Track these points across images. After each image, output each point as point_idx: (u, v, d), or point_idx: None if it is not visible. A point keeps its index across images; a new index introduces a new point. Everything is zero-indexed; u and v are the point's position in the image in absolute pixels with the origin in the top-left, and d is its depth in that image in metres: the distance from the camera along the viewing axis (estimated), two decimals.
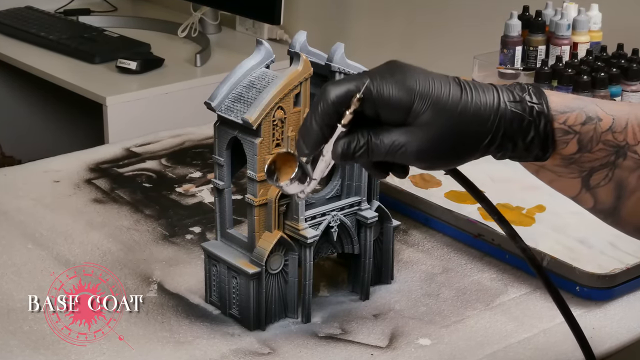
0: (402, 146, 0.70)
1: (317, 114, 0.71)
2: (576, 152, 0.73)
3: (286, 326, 1.01)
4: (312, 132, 0.71)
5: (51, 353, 0.96)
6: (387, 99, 0.70)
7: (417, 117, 0.70)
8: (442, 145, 0.71)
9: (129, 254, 1.15)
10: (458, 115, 0.70)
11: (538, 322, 1.03)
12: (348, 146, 0.71)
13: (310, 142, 0.72)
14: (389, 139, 0.71)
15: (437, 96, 0.70)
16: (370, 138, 0.71)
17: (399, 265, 1.12)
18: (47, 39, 2.31)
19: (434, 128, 0.70)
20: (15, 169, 1.45)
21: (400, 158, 0.71)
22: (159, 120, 2.00)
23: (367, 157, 0.72)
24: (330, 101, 0.71)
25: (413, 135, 0.70)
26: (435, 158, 0.72)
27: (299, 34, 1.01)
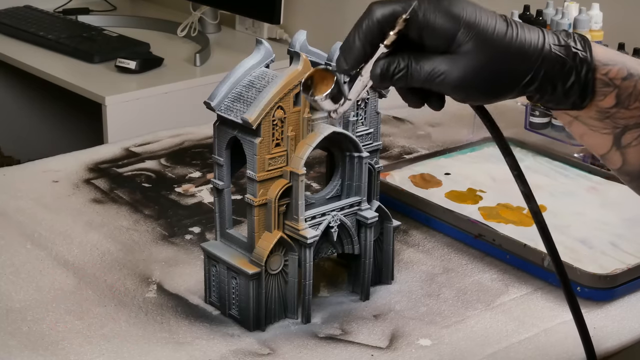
0: (442, 74, 0.70)
1: (361, 31, 0.70)
2: (613, 106, 0.73)
3: (286, 327, 1.01)
4: (353, 49, 0.71)
5: (50, 354, 0.96)
6: (433, 24, 0.69)
7: (460, 46, 0.70)
8: (481, 77, 0.70)
9: (128, 254, 1.15)
10: (502, 49, 0.70)
11: (539, 322, 1.03)
12: (387, 67, 0.71)
13: (351, 58, 0.71)
14: (429, 65, 0.70)
15: (482, 27, 0.70)
16: (410, 62, 0.70)
17: (399, 266, 1.12)
18: (46, 39, 2.31)
19: (476, 58, 0.70)
20: (14, 169, 1.45)
21: (438, 86, 0.71)
22: (159, 120, 2.00)
23: (406, 81, 0.71)
24: (375, 19, 0.70)
25: (454, 64, 0.70)
26: (472, 90, 0.71)
27: (298, 34, 1.01)
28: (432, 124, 1.57)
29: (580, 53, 0.72)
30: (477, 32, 0.69)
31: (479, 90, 0.71)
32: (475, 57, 0.70)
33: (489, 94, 0.72)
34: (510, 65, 0.70)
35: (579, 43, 0.72)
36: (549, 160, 1.36)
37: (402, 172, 1.31)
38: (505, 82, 0.71)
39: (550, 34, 0.72)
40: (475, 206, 1.23)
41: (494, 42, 0.70)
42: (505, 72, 0.70)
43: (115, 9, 2.67)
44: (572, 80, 0.71)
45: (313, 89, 0.72)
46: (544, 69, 0.71)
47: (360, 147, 1.01)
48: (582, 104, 0.73)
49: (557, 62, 0.71)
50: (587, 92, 0.72)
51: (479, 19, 0.70)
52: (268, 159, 0.96)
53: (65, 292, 1.06)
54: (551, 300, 1.07)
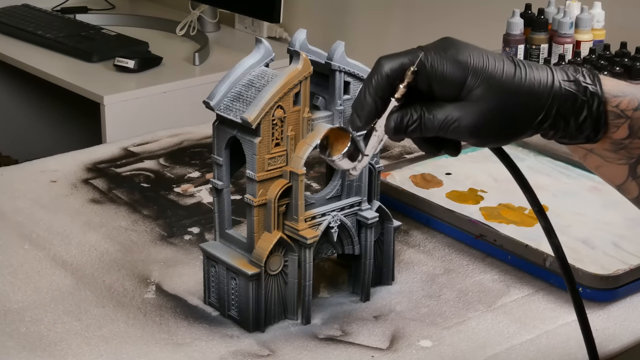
0: (455, 121, 0.71)
1: (371, 87, 0.72)
2: (626, 137, 0.73)
3: (286, 328, 1.00)
4: (365, 106, 0.72)
5: (48, 355, 0.95)
6: (441, 73, 0.71)
7: (470, 92, 0.71)
8: (495, 120, 0.71)
9: (127, 254, 1.15)
10: (512, 91, 0.71)
11: (540, 323, 1.03)
12: (401, 120, 0.72)
13: (364, 115, 0.72)
14: (442, 114, 0.71)
15: (490, 71, 0.71)
16: (423, 113, 0.72)
17: (399, 266, 1.12)
18: (44, 38, 2.30)
19: (487, 103, 0.71)
20: (11, 169, 1.44)
21: (453, 133, 0.72)
22: (157, 120, 2.00)
23: (420, 132, 0.72)
24: (384, 74, 0.72)
25: (466, 110, 0.71)
26: (488, 133, 0.72)
27: (298, 32, 1.01)
28: None
29: (591, 87, 0.72)
30: (485, 77, 0.71)
31: (493, 134, 0.72)
32: (486, 101, 0.71)
33: (503, 137, 0.73)
34: (522, 106, 0.71)
35: (587, 77, 0.73)
36: (551, 160, 1.36)
37: (403, 172, 1.31)
38: (519, 123, 0.72)
39: (559, 70, 0.73)
40: (477, 206, 1.22)
41: (503, 84, 0.71)
42: (518, 114, 0.71)
43: (113, 8, 2.66)
44: (584, 115, 0.72)
45: (329, 148, 0.74)
46: (555, 106, 0.72)
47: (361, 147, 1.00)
48: (596, 137, 0.73)
49: (568, 98, 0.72)
50: (600, 125, 0.73)
51: (486, 64, 0.71)
52: (268, 159, 0.95)
53: (64, 293, 1.06)
54: (553, 301, 1.06)
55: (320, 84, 1.00)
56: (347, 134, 0.73)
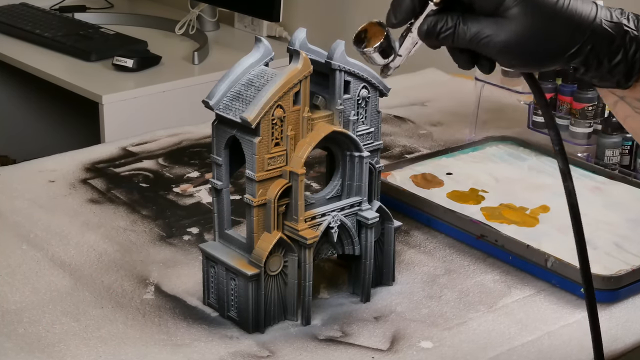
0: (487, 36, 0.70)
1: None
2: None
3: (285, 329, 1.00)
4: (402, 3, 0.72)
5: (46, 356, 0.95)
6: None
7: (508, 9, 0.70)
8: (527, 42, 0.70)
9: (126, 255, 1.14)
10: (551, 15, 0.70)
11: (542, 324, 1.02)
12: (435, 25, 0.71)
13: (400, 12, 0.72)
14: (476, 26, 0.71)
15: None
16: (458, 22, 0.71)
17: (400, 267, 1.11)
18: (42, 37, 2.30)
19: (523, 23, 0.69)
20: (9, 169, 1.44)
21: (484, 49, 0.71)
22: (156, 119, 1.99)
23: (452, 41, 0.71)
24: None
25: (501, 27, 0.70)
26: (517, 55, 0.71)
27: (298, 31, 1.00)
28: (434, 123, 1.56)
29: (632, 32, 0.71)
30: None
31: (524, 56, 0.71)
32: (523, 21, 0.69)
33: (533, 61, 0.71)
34: (556, 34, 0.70)
35: (632, 22, 0.71)
36: (552, 160, 1.35)
37: (403, 171, 1.31)
38: (551, 51, 0.71)
39: (604, 9, 0.71)
40: (478, 206, 1.22)
41: (543, 8, 0.69)
42: (552, 40, 0.70)
43: (112, 7, 2.66)
44: (619, 58, 0.71)
45: (365, 42, 0.74)
46: (591, 42, 0.70)
47: (361, 147, 1.00)
48: (627, 84, 0.72)
49: (605, 37, 0.70)
50: (633, 72, 0.71)
51: None
52: (267, 159, 0.95)
53: (62, 294, 1.05)
54: (554, 302, 1.06)
55: (320, 83, 0.99)
56: (383, 30, 0.73)
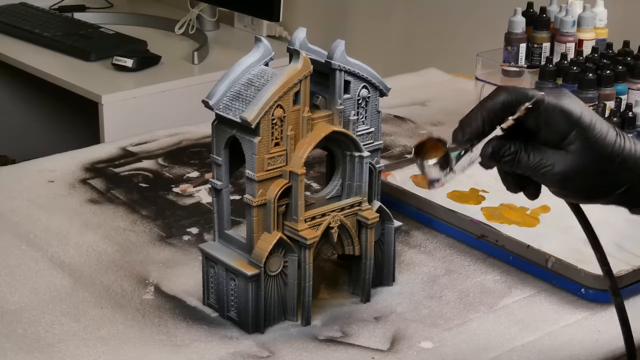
0: (548, 166, 0.76)
1: (485, 109, 0.77)
2: None
3: (285, 329, 1.00)
4: (473, 124, 0.77)
5: (46, 356, 0.95)
6: (551, 119, 0.75)
7: (571, 144, 0.75)
8: (585, 176, 0.76)
9: (125, 255, 1.14)
10: (607, 156, 0.76)
11: (542, 325, 1.02)
12: (499, 149, 0.76)
13: (469, 132, 0.77)
14: (538, 156, 0.76)
15: (596, 131, 0.75)
16: (521, 149, 0.76)
17: (400, 267, 1.11)
18: (41, 36, 2.30)
19: (582, 158, 0.75)
20: (9, 169, 1.44)
21: (542, 177, 0.76)
22: (156, 119, 1.99)
23: (512, 166, 0.77)
24: (500, 101, 0.76)
25: (562, 159, 0.75)
26: (571, 187, 0.77)
27: (298, 31, 1.00)
28: (434, 123, 1.56)
29: None
30: (588, 135, 0.75)
31: (577, 189, 0.77)
32: (583, 157, 0.75)
33: (585, 194, 0.78)
34: (611, 173, 0.76)
35: None
36: None
37: (404, 171, 1.30)
38: (603, 187, 0.77)
39: None
40: (478, 206, 1.21)
41: (602, 148, 0.75)
42: (605, 178, 0.76)
43: (111, 6, 2.66)
44: None
45: (424, 153, 0.78)
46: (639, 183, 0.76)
47: (361, 147, 0.99)
48: None
49: None
50: None
51: (593, 124, 0.75)
52: (267, 159, 0.95)
53: (61, 294, 1.05)
54: (555, 302, 1.06)
55: (320, 83, 0.99)
56: (443, 146, 0.78)
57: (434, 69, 1.81)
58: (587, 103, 1.35)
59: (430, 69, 1.82)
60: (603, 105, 1.34)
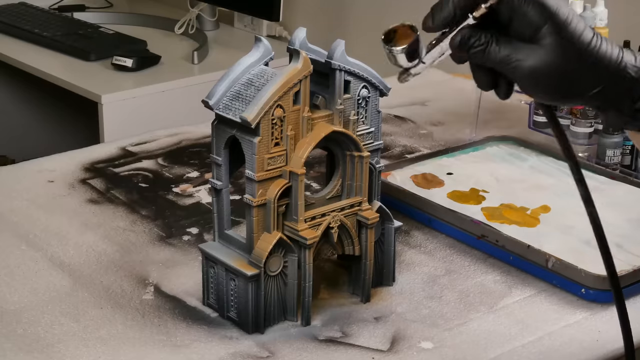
0: (517, 60, 0.72)
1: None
2: None
3: (285, 329, 1.00)
4: (444, 10, 0.73)
5: (45, 356, 0.94)
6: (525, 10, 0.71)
7: (542, 39, 0.71)
8: (555, 74, 0.72)
9: (125, 255, 1.14)
10: (581, 54, 0.71)
11: (543, 325, 1.02)
12: (469, 38, 0.73)
13: (439, 18, 0.74)
14: (508, 48, 0.72)
15: (570, 28, 0.71)
16: (492, 40, 0.72)
17: (400, 267, 1.11)
18: (41, 36, 2.29)
19: (554, 54, 0.71)
20: (8, 169, 1.44)
21: (511, 71, 0.72)
22: (156, 119, 1.99)
23: (482, 57, 0.73)
24: None
25: (532, 53, 0.71)
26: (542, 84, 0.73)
27: (298, 31, 1.00)
28: (434, 123, 1.56)
29: None
30: (562, 31, 0.71)
31: (548, 87, 0.73)
32: (554, 52, 0.71)
33: (556, 93, 0.73)
34: (584, 72, 0.72)
35: None
36: (554, 159, 1.35)
37: (404, 171, 1.30)
38: (575, 87, 0.72)
39: (629, 53, 0.73)
40: (478, 206, 1.21)
41: (576, 45, 0.71)
42: (577, 77, 0.72)
43: (111, 6, 2.65)
44: None
45: (393, 42, 0.75)
46: (614, 85, 0.72)
47: (361, 147, 0.99)
48: None
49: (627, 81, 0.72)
50: None
51: (569, 20, 0.71)
52: (267, 159, 0.94)
53: (61, 294, 1.05)
54: (555, 302, 1.06)
55: (320, 83, 0.99)
56: (414, 32, 0.74)
57: (434, 68, 1.81)
58: None
59: (430, 69, 1.81)
60: None
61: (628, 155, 1.34)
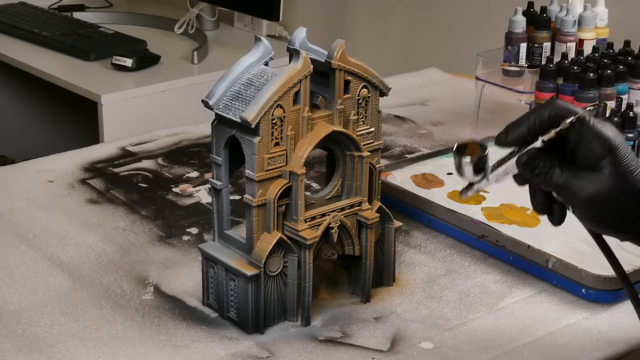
0: (577, 187, 0.77)
1: (533, 117, 0.78)
2: None
3: (285, 329, 1.00)
4: (520, 128, 0.78)
5: (45, 357, 0.94)
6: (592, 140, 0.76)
7: (603, 168, 0.76)
8: (610, 203, 0.77)
9: (125, 255, 1.14)
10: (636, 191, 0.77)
11: (543, 325, 1.02)
12: (534, 159, 0.77)
13: (513, 135, 0.78)
14: (570, 174, 0.77)
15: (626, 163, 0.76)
16: (555, 165, 0.77)
17: (400, 267, 1.11)
18: (40, 36, 2.29)
19: (611, 186, 0.76)
20: (8, 169, 1.43)
21: (570, 197, 0.77)
22: (155, 119, 1.99)
23: (544, 180, 0.77)
24: (549, 111, 0.77)
25: (591, 182, 0.76)
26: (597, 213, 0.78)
27: (298, 31, 1.00)
28: (434, 123, 1.55)
29: None
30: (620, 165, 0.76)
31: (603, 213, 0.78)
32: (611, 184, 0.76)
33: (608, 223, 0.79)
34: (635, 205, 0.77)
35: None
36: None
37: (404, 171, 1.30)
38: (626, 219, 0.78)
39: None
40: (478, 206, 1.21)
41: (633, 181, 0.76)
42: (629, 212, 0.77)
43: (111, 6, 2.65)
44: None
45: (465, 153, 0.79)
46: None
47: (361, 147, 0.99)
48: None
49: None
50: None
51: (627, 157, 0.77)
52: (267, 159, 0.94)
53: (61, 294, 1.05)
54: (555, 302, 1.05)
55: (320, 83, 0.99)
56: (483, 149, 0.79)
57: (434, 68, 1.81)
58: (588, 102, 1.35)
59: (430, 68, 1.81)
60: (604, 105, 1.34)
61: None
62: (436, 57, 2.07)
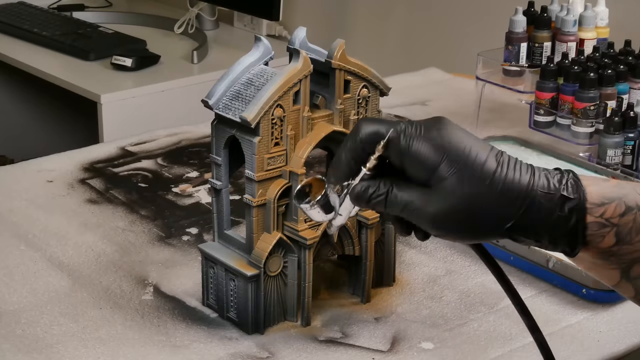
0: (418, 208, 0.66)
1: (347, 148, 0.68)
2: (614, 244, 0.68)
3: (285, 330, 0.99)
4: (340, 165, 0.69)
5: (44, 357, 0.94)
6: (415, 152, 0.66)
7: (440, 181, 0.66)
8: (459, 217, 0.66)
9: (124, 255, 1.13)
10: (483, 190, 0.66)
11: (543, 325, 1.00)
12: (365, 190, 0.68)
13: (337, 174, 0.69)
14: (407, 196, 0.67)
15: (467, 164, 0.65)
16: (390, 189, 0.67)
17: (400, 267, 1.11)
18: (40, 36, 2.29)
19: (453, 197, 0.65)
20: (7, 169, 1.43)
21: (415, 219, 0.68)
22: (155, 119, 1.99)
23: (384, 208, 0.68)
24: (358, 138, 0.68)
25: (432, 199, 0.66)
26: (450, 229, 0.67)
27: (298, 30, 0.99)
28: None
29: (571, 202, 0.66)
30: (459, 169, 0.65)
31: (456, 231, 0.67)
32: (454, 195, 0.65)
33: (467, 235, 0.68)
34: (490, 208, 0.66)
35: (570, 187, 0.66)
36: (554, 159, 1.34)
37: None
38: (485, 226, 0.66)
39: (542, 176, 0.67)
40: None
41: (476, 182, 0.65)
42: (485, 215, 0.66)
43: (110, 6, 2.65)
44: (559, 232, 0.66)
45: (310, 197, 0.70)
46: (528, 216, 0.66)
47: None
48: (573, 253, 0.68)
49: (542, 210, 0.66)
50: (576, 242, 0.67)
51: (465, 155, 0.66)
52: (267, 159, 0.94)
53: (60, 294, 1.05)
54: (555, 302, 1.05)
55: (320, 83, 0.98)
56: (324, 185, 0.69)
57: (434, 68, 1.81)
58: (588, 102, 1.35)
59: (430, 68, 1.81)
60: (604, 105, 1.34)
61: (629, 155, 1.34)
62: (436, 57, 2.07)
